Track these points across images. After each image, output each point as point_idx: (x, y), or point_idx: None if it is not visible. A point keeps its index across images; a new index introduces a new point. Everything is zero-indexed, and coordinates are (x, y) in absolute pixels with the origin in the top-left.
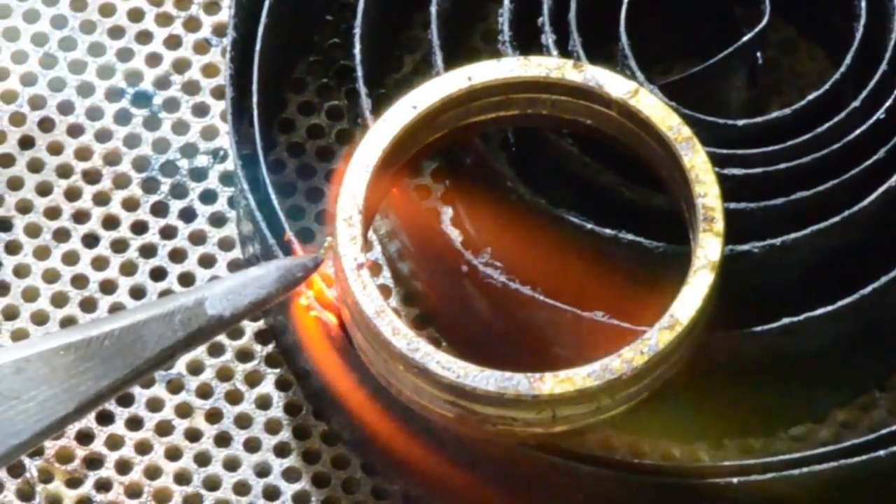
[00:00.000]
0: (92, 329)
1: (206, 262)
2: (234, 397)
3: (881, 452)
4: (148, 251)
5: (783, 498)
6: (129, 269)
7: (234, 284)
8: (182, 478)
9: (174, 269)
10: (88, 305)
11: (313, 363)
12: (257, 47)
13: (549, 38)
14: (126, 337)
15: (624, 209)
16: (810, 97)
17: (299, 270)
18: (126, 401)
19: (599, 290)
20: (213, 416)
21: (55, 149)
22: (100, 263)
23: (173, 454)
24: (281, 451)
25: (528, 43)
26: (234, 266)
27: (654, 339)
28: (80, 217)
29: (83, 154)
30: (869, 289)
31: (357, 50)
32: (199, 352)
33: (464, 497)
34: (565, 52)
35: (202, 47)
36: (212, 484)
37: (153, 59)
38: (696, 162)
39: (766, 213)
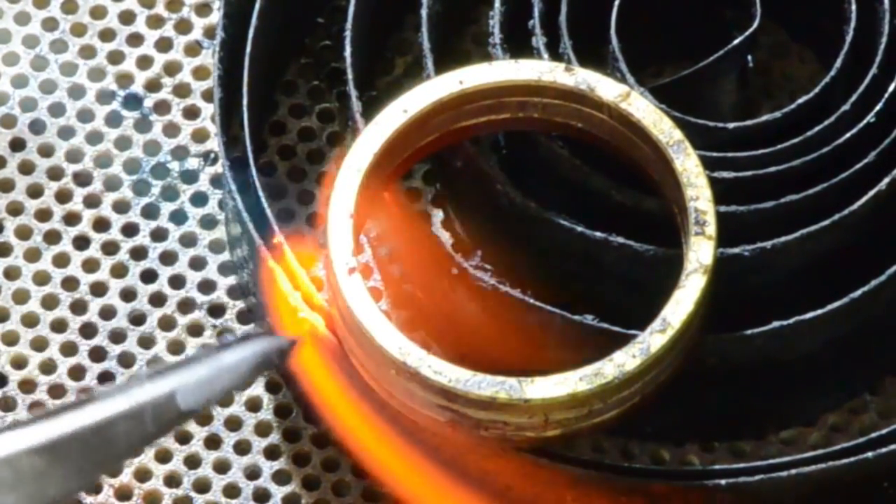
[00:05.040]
0: (59, 427)
1: (197, 264)
2: (223, 400)
3: (869, 454)
4: (139, 253)
5: (773, 500)
6: (119, 271)
7: (208, 375)
8: (172, 480)
9: (165, 272)
10: (79, 308)
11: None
12: (247, 49)
13: (539, 41)
14: (95, 438)
15: (615, 212)
16: (800, 100)
17: (276, 356)
18: None
19: (590, 293)
20: (203, 418)
21: (46, 151)
22: (90, 265)
23: (163, 456)
24: (271, 453)
25: (518, 46)
26: (224, 268)
27: (646, 342)
28: (71, 219)
29: (74, 156)
30: (859, 292)
31: (347, 52)
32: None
33: (452, 500)
34: (556, 55)
35: (193, 50)
36: (201, 486)
37: (144, 62)
38: (688, 165)
39: (756, 216)
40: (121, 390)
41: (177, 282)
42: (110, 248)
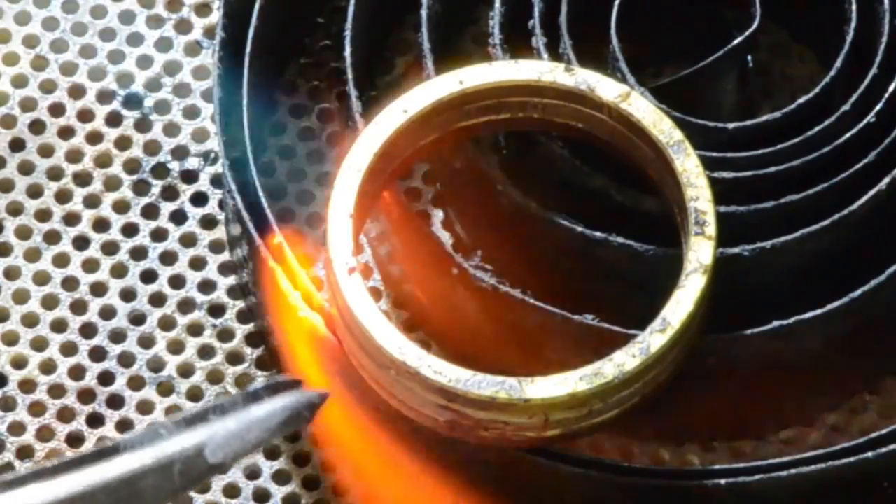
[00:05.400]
0: (86, 478)
1: (197, 264)
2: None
3: (869, 454)
4: (139, 253)
5: (772, 500)
6: (119, 271)
7: (237, 429)
8: None
9: (165, 272)
10: (79, 308)
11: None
12: (247, 49)
13: (539, 41)
14: (122, 490)
15: (615, 212)
16: (801, 100)
17: (306, 409)
18: (116, 403)
19: (590, 293)
20: None
21: (46, 151)
22: (90, 266)
23: None
24: (271, 453)
25: (518, 46)
26: (224, 268)
27: (646, 342)
28: (71, 219)
29: (74, 156)
30: (859, 292)
31: (347, 52)
32: (190, 355)
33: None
34: (556, 55)
35: (193, 49)
36: (201, 487)
37: (144, 62)
38: (688, 165)
39: (756, 216)
40: (148, 441)
41: (177, 282)
42: (110, 248)
